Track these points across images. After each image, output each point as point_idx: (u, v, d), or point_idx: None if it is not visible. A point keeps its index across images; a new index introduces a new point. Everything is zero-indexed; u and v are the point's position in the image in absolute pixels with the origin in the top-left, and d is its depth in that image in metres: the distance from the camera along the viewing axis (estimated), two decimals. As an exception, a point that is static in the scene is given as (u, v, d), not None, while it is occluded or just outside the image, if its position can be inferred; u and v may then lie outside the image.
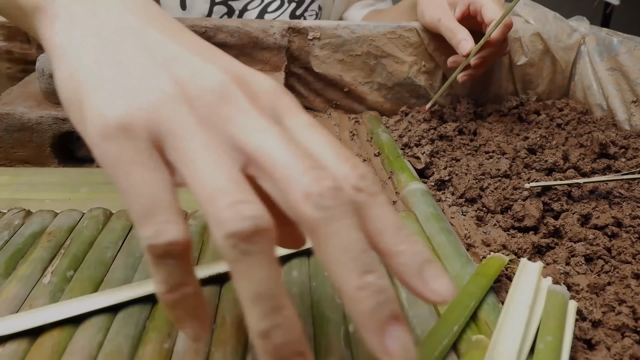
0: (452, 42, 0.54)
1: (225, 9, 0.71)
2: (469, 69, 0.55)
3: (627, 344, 0.28)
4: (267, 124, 0.19)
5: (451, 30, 0.54)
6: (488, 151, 0.51)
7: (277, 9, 0.74)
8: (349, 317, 0.28)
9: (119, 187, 0.19)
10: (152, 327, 0.27)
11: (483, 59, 0.53)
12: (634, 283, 0.33)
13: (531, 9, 0.65)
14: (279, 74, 0.59)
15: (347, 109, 0.64)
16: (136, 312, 0.28)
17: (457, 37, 0.53)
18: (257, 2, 0.73)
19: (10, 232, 0.35)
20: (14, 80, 0.58)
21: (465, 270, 0.32)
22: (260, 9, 0.73)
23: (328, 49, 0.60)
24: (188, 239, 0.19)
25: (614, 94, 0.59)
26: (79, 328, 0.27)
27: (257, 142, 0.18)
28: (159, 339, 0.27)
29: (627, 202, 0.43)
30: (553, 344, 0.26)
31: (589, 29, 0.64)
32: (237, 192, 0.17)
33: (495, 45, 0.53)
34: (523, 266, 0.31)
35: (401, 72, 0.62)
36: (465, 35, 0.53)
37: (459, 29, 0.54)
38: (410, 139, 0.54)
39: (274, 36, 0.59)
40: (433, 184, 0.46)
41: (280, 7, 0.74)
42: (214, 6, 0.70)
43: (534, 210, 0.39)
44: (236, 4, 0.72)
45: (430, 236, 0.36)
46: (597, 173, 0.47)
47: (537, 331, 0.27)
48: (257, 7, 0.73)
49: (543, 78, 0.65)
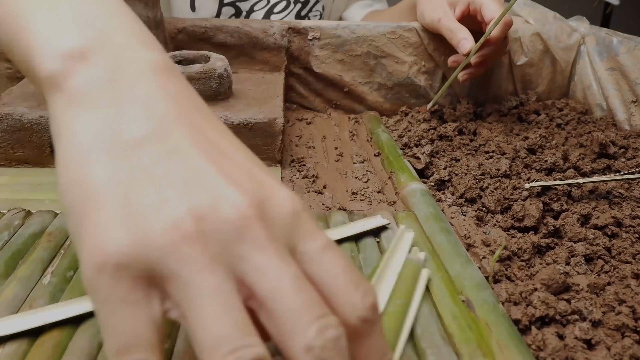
0: (453, 41, 0.54)
1: (233, 10, 0.72)
2: (470, 68, 0.55)
3: (627, 344, 0.28)
4: (281, 264, 0.18)
5: (451, 30, 0.54)
6: (488, 151, 0.51)
7: (283, 9, 0.74)
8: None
9: (100, 319, 0.18)
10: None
11: (484, 58, 0.53)
12: (633, 283, 0.33)
13: (531, 9, 0.65)
14: (278, 74, 0.60)
15: (347, 109, 0.64)
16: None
17: (457, 37, 0.53)
18: (264, 2, 0.73)
19: (10, 232, 0.35)
20: (13, 81, 0.58)
21: (465, 271, 0.32)
22: (267, 10, 0.73)
23: (328, 49, 0.60)
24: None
25: (613, 94, 0.59)
26: (79, 328, 0.27)
27: (268, 287, 0.18)
28: (159, 339, 0.27)
29: (627, 202, 0.43)
30: (401, 307, 0.27)
31: (589, 29, 0.64)
32: (240, 338, 0.17)
33: (496, 43, 0.53)
34: (401, 235, 0.30)
35: (401, 72, 0.62)
36: (465, 34, 0.53)
37: (459, 28, 0.54)
38: (410, 139, 0.54)
39: (274, 36, 0.59)
40: (433, 184, 0.46)
41: (286, 8, 0.75)
42: (222, 7, 0.71)
43: (534, 210, 0.39)
44: (243, 5, 0.72)
45: (430, 236, 0.36)
46: (597, 173, 0.47)
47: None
48: (263, 7, 0.73)
49: (543, 78, 0.65)
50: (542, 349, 0.28)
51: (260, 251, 0.18)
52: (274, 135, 0.46)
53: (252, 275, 0.18)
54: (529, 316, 0.30)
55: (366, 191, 0.45)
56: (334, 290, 0.19)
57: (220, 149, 0.20)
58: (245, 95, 0.50)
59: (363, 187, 0.45)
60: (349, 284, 0.19)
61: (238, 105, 0.47)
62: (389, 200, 0.44)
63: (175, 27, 0.58)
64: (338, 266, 0.19)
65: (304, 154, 0.52)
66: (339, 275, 0.19)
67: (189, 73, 0.45)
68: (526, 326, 0.30)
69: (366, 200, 0.44)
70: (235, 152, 0.21)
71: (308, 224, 0.20)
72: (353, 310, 0.19)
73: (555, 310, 0.30)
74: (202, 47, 0.59)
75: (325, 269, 0.19)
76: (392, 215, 0.39)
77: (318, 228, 0.20)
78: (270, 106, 0.48)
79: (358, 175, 0.48)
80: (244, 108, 0.47)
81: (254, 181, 0.20)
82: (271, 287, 0.18)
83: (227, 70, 0.47)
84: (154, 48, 0.22)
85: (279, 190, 0.20)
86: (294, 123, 0.60)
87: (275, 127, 0.46)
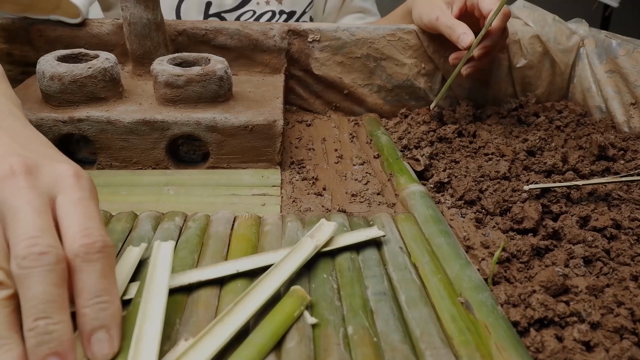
0: (452, 37, 0.54)
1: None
2: (473, 61, 0.55)
3: (626, 346, 0.28)
4: (27, 202, 0.25)
5: (450, 27, 0.54)
6: (487, 153, 0.52)
7: (269, 20, 0.75)
8: (348, 320, 0.29)
9: None
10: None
11: (486, 49, 0.54)
12: (632, 285, 0.33)
13: (530, 12, 0.65)
14: (278, 76, 0.60)
15: (346, 111, 0.64)
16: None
17: (456, 32, 0.53)
18: (250, 14, 0.74)
19: (10, 234, 0.35)
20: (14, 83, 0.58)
21: (464, 272, 0.33)
22: (253, 21, 0.74)
23: (328, 51, 0.60)
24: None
25: (612, 96, 0.59)
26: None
27: (11, 216, 0.25)
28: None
29: (626, 204, 0.43)
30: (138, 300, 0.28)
31: (588, 31, 0.64)
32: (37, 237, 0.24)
33: (497, 34, 0.53)
34: (157, 248, 0.31)
35: (401, 74, 0.62)
36: (464, 29, 0.53)
37: (457, 24, 0.54)
38: (410, 141, 0.54)
39: (274, 38, 0.59)
40: (432, 186, 0.46)
41: (271, 19, 0.75)
42: (207, 19, 0.71)
43: (533, 212, 0.40)
44: (229, 16, 0.73)
45: (430, 238, 0.37)
46: (596, 175, 0.47)
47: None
48: (249, 19, 0.74)
49: (542, 80, 0.65)
50: (540, 351, 0.28)
51: (15, 194, 0.25)
52: (274, 137, 0.46)
53: (5, 211, 0.25)
54: (528, 318, 0.30)
55: (366, 193, 0.45)
56: (66, 230, 0.25)
57: (23, 138, 0.30)
58: (245, 97, 0.50)
59: (362, 189, 0.46)
60: (78, 227, 0.25)
61: (238, 107, 0.47)
62: (389, 202, 0.44)
63: (176, 30, 0.58)
64: (78, 215, 0.26)
65: (304, 155, 0.52)
66: (75, 220, 0.26)
67: (189, 75, 0.45)
68: (525, 328, 0.30)
69: (365, 202, 0.44)
70: (36, 141, 0.31)
71: (74, 185, 0.27)
72: (70, 246, 0.25)
73: (554, 312, 0.30)
74: (202, 49, 0.59)
75: (68, 214, 0.26)
76: (392, 218, 0.39)
77: (82, 190, 0.27)
78: (270, 108, 0.48)
79: (358, 177, 0.48)
80: (244, 110, 0.47)
81: (38, 156, 0.28)
82: (13, 217, 0.25)
83: (227, 73, 0.47)
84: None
85: (59, 163, 0.28)
86: (293, 125, 0.60)
87: (275, 129, 0.46)
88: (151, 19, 0.51)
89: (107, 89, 0.46)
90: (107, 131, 0.45)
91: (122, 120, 0.44)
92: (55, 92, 0.45)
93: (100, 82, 0.45)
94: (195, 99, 0.46)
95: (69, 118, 0.44)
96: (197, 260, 0.33)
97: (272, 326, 0.27)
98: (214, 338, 0.26)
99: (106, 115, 0.44)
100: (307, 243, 0.33)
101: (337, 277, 0.32)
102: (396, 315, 0.29)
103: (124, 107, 0.46)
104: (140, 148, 0.46)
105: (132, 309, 0.27)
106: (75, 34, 0.57)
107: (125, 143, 0.45)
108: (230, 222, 0.38)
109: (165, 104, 0.46)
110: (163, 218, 0.38)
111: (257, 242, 0.36)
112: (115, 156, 0.46)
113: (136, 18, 0.51)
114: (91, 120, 0.44)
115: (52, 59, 0.46)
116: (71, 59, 0.47)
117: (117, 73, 0.47)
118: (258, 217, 0.38)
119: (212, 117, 0.45)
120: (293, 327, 0.27)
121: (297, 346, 0.26)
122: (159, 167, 0.47)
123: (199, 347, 0.25)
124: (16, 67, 0.58)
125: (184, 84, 0.45)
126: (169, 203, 0.42)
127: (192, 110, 0.46)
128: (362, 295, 0.30)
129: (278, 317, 0.27)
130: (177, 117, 0.45)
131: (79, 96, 0.45)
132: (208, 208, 0.40)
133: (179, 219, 0.38)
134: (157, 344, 0.24)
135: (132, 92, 0.50)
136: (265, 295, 0.28)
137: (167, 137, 0.45)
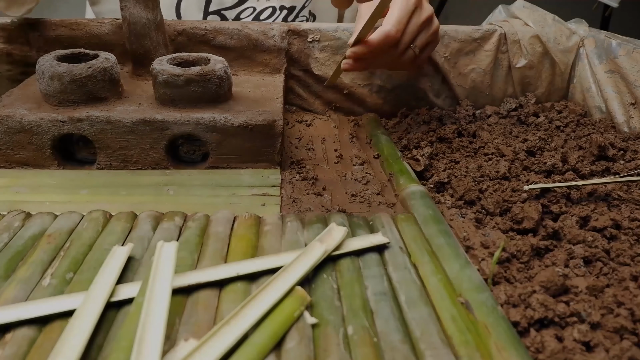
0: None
1: (219, 19, 0.72)
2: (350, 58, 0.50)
3: (626, 347, 0.28)
4: None
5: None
6: (487, 153, 0.52)
7: (269, 16, 0.75)
8: (348, 320, 0.28)
9: None
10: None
11: (355, 54, 0.49)
12: (632, 285, 0.33)
13: (530, 12, 0.65)
14: (278, 76, 0.60)
15: (346, 111, 0.64)
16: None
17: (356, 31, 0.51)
18: (250, 10, 0.73)
19: (10, 234, 0.35)
20: (14, 83, 0.58)
21: (464, 272, 0.33)
22: (253, 18, 0.74)
23: (327, 51, 0.60)
24: None
25: (612, 97, 0.59)
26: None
27: None
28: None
29: (626, 204, 0.43)
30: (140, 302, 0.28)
31: (588, 31, 0.64)
32: None
33: (372, 46, 0.48)
34: (160, 248, 0.31)
35: (401, 74, 0.62)
36: (356, 33, 0.49)
37: (358, 29, 0.50)
38: (410, 141, 0.54)
39: (274, 38, 0.59)
40: (432, 186, 0.46)
41: (272, 15, 0.75)
42: (207, 16, 0.71)
43: (533, 213, 0.40)
44: (229, 14, 0.73)
45: (429, 238, 0.37)
46: (596, 175, 0.47)
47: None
48: (249, 15, 0.74)
49: (542, 80, 0.65)
50: (540, 351, 0.28)
51: None
52: (274, 137, 0.46)
53: None
54: (528, 318, 0.30)
55: (365, 193, 0.45)
56: None
57: None
58: (245, 97, 0.50)
59: (362, 189, 0.46)
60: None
61: (238, 107, 0.47)
62: (389, 203, 0.44)
63: (175, 29, 0.58)
64: None
65: (304, 155, 0.52)
66: None
67: (189, 75, 0.45)
68: (525, 328, 0.30)
69: (365, 202, 0.44)
70: None
71: None
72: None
73: (554, 312, 0.30)
74: (202, 49, 0.59)
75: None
76: (391, 218, 0.39)
77: None
78: (270, 108, 0.48)
79: (357, 177, 0.48)
80: (244, 110, 0.47)
81: None
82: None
83: (227, 72, 0.47)
84: None
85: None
86: (293, 125, 0.60)
87: (274, 129, 0.46)
88: (151, 18, 0.51)
89: (107, 88, 0.46)
90: (107, 131, 0.45)
91: (121, 120, 0.44)
92: (55, 92, 0.45)
93: (100, 82, 0.45)
94: (195, 98, 0.46)
95: (68, 118, 0.44)
96: (197, 261, 0.33)
97: (272, 326, 0.27)
98: (221, 340, 0.26)
99: (106, 115, 0.44)
100: (316, 247, 0.33)
101: (337, 277, 0.32)
102: (396, 316, 0.29)
103: (123, 107, 0.46)
104: (140, 148, 0.46)
105: (134, 309, 0.27)
106: (75, 34, 0.57)
107: (124, 143, 0.45)
108: (230, 222, 0.38)
109: (165, 104, 0.46)
110: (163, 218, 0.38)
111: (257, 242, 0.36)
112: (115, 156, 0.46)
113: (136, 18, 0.51)
114: (91, 120, 0.44)
115: (52, 58, 0.45)
116: (71, 59, 0.47)
117: (116, 73, 0.47)
118: (258, 217, 0.38)
119: (211, 117, 0.45)
120: (293, 327, 0.27)
121: (297, 346, 0.26)
122: (158, 167, 0.47)
123: (206, 349, 0.25)
124: (16, 67, 0.58)
125: (183, 84, 0.45)
126: (168, 203, 0.42)
127: (192, 110, 0.46)
128: (362, 296, 0.30)
129: (278, 317, 0.27)
130: (176, 117, 0.45)
131: (79, 96, 0.45)
132: (208, 208, 0.40)
133: (178, 219, 0.38)
134: (160, 344, 0.24)
135: (132, 92, 0.50)
136: (272, 299, 0.28)
137: (167, 137, 0.45)
